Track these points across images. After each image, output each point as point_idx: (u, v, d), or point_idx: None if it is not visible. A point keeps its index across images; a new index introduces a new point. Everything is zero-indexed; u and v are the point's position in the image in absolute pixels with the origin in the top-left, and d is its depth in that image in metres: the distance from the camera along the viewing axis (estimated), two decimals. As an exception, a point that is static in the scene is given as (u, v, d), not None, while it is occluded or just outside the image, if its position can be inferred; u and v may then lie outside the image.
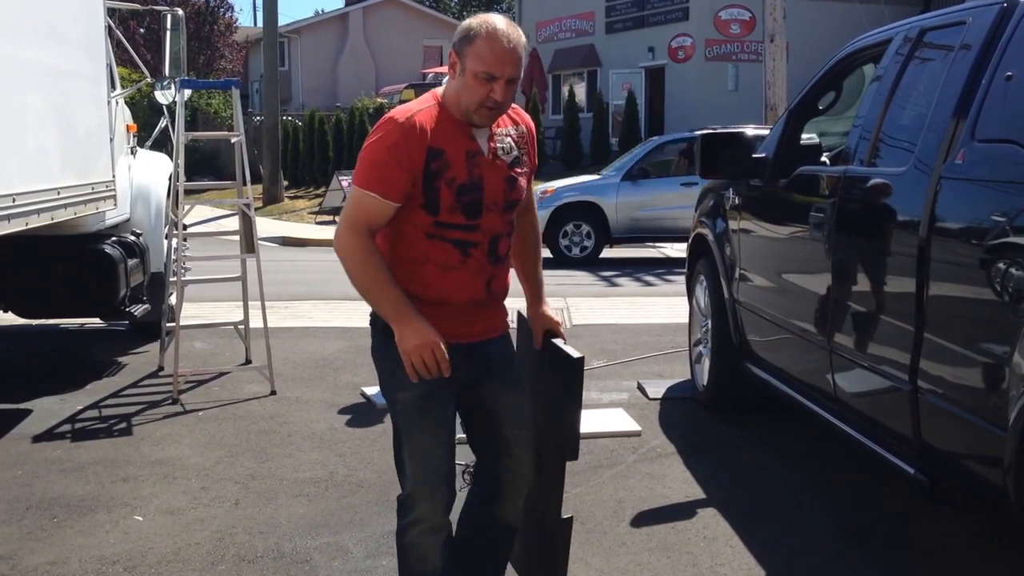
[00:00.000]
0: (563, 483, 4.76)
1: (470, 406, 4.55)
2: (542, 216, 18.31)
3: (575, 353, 4.52)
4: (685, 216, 14.09)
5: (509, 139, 4.43)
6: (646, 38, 39.19)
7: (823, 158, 7.26)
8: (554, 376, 4.66)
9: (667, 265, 19.85)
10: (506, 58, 4.16)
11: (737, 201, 7.99)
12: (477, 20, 4.24)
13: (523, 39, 4.25)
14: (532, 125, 4.61)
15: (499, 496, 4.65)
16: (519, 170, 4.45)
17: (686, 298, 9.51)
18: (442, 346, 4.18)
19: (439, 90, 4.39)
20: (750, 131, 9.06)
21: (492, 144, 4.35)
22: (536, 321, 4.82)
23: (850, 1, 27.74)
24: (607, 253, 21.13)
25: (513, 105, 4.49)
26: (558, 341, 4.71)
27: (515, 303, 4.61)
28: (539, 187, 20.61)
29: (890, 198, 5.73)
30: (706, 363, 8.62)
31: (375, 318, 4.41)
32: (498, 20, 4.23)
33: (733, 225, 8.04)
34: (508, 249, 4.49)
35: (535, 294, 4.83)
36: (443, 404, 4.37)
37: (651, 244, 22.26)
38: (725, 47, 37.25)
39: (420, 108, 4.27)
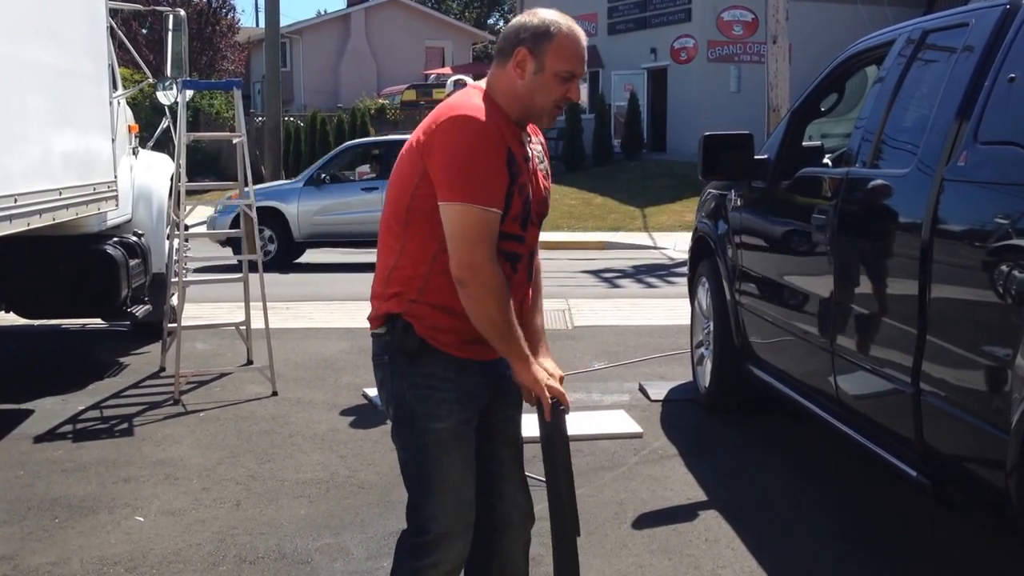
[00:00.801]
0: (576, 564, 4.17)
1: (482, 427, 4.11)
2: (225, 221, 18.19)
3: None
4: (367, 220, 14.35)
5: (539, 147, 4.13)
6: (648, 39, 39.21)
7: (825, 160, 7.26)
8: (545, 434, 4.07)
9: (669, 267, 19.83)
10: (584, 54, 3.92)
11: (739, 202, 7.98)
12: (549, 16, 3.91)
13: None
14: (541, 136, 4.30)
15: (494, 541, 4.24)
16: (548, 180, 4.14)
17: (688, 300, 9.50)
18: (555, 381, 4.03)
19: (481, 84, 4.01)
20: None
21: (531, 150, 4.04)
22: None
23: (853, 3, 27.79)
24: (606, 256, 21.08)
25: None
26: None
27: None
28: (227, 194, 20.78)
29: (892, 200, 5.73)
30: (708, 365, 8.61)
31: (403, 340, 3.90)
32: (567, 16, 3.95)
33: (735, 227, 8.03)
34: (533, 268, 4.14)
35: (536, 343, 4.20)
36: (473, 431, 4.02)
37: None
38: (727, 48, 37.25)
39: (484, 105, 3.85)
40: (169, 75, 11.10)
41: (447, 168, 3.71)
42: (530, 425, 4.05)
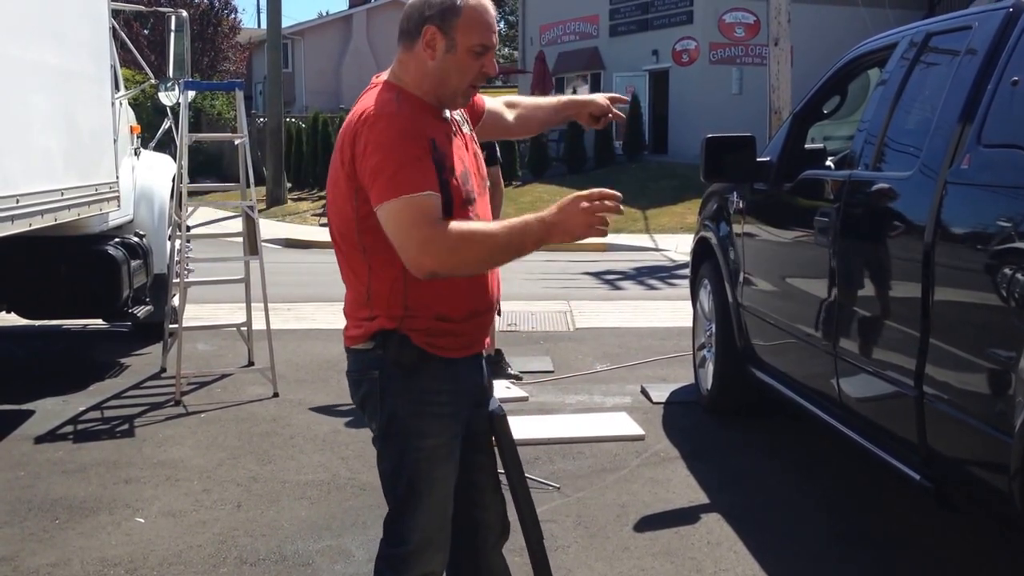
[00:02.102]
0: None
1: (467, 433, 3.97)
2: None
3: (495, 408, 3.94)
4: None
5: (458, 112, 3.92)
6: (650, 41, 39.18)
7: (828, 162, 7.26)
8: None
9: (670, 269, 19.81)
10: (494, 25, 3.69)
11: (741, 205, 7.97)
12: None
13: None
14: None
15: (483, 554, 4.12)
16: (476, 142, 3.98)
17: (690, 302, 9.49)
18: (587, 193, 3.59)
19: (384, 75, 3.79)
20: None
21: (453, 119, 3.84)
22: (581, 108, 4.43)
23: (855, 5, 27.76)
24: (608, 258, 21.06)
25: None
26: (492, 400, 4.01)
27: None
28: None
29: (895, 203, 5.72)
30: (710, 367, 8.60)
31: (399, 355, 3.72)
32: None
33: (737, 229, 8.02)
34: None
35: (556, 102, 4.47)
36: (459, 444, 3.87)
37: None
38: (729, 50, 37.24)
39: (391, 98, 3.65)
40: (171, 76, 11.11)
41: (373, 172, 3.51)
42: (539, 429, 4.05)
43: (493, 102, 4.30)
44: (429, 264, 3.49)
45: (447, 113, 3.80)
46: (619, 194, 3.49)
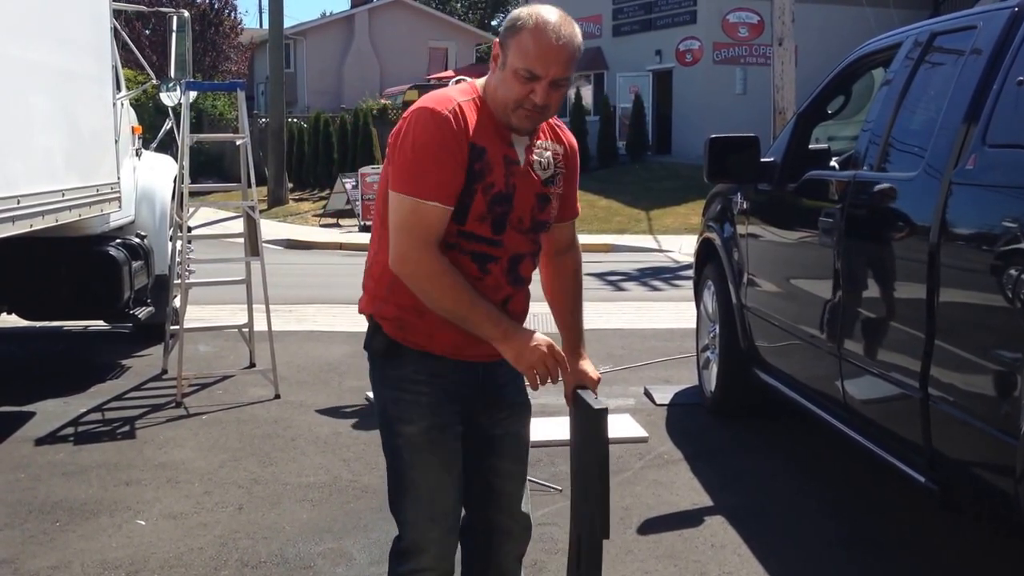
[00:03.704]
0: (599, 568, 4.07)
1: (471, 437, 4.02)
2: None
3: (597, 404, 3.89)
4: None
5: (549, 154, 3.92)
6: (653, 41, 39.20)
7: (832, 162, 7.24)
8: (580, 433, 4.06)
9: (674, 270, 19.80)
10: (552, 56, 3.62)
11: (745, 205, 7.96)
12: (528, 10, 3.69)
13: (578, 37, 3.72)
14: (575, 145, 4.11)
15: (490, 552, 4.16)
16: (554, 190, 3.95)
17: (693, 303, 9.47)
18: (556, 348, 3.80)
19: (480, 81, 3.88)
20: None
21: (530, 156, 3.85)
22: (573, 376, 4.09)
23: (859, 5, 27.75)
24: (611, 259, 21.06)
25: (561, 123, 4.08)
26: (586, 393, 4.03)
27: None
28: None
29: (900, 203, 5.70)
30: (714, 369, 8.58)
31: (371, 340, 3.96)
32: (551, 12, 3.68)
33: (741, 230, 8.00)
34: (531, 272, 3.99)
35: (573, 344, 4.17)
36: (454, 437, 3.92)
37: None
38: (733, 50, 37.25)
39: (461, 98, 3.76)
40: (172, 76, 11.09)
41: (400, 161, 3.71)
42: (540, 430, 4.01)
43: (568, 231, 4.23)
44: (399, 271, 3.74)
45: (531, 152, 3.88)
46: (562, 373, 3.83)
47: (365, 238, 18.91)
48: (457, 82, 4.12)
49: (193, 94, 10.45)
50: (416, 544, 3.91)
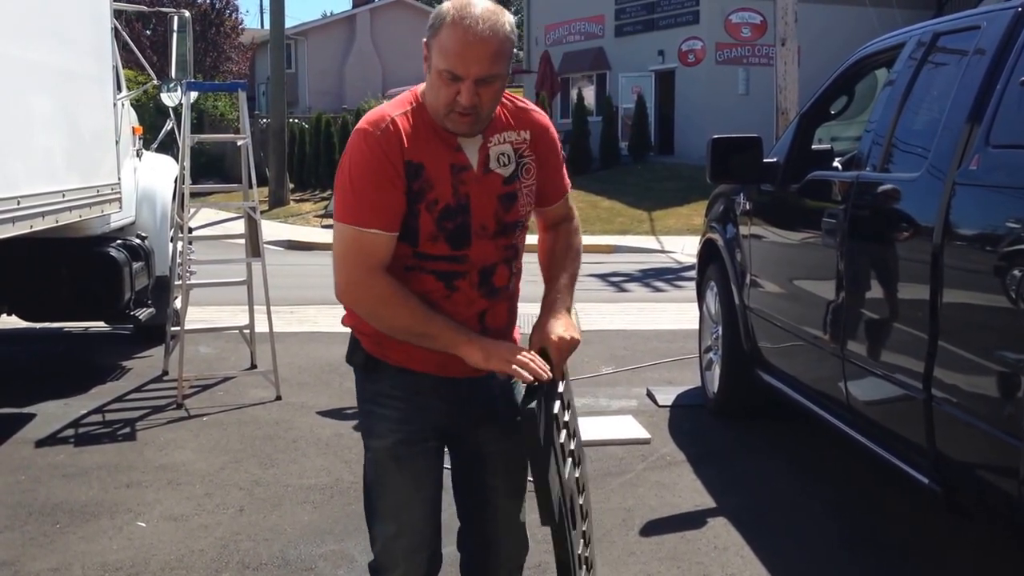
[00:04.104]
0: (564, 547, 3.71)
1: (462, 453, 3.94)
2: None
3: (527, 403, 3.51)
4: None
5: (508, 146, 3.66)
6: (656, 41, 39.19)
7: (835, 163, 7.22)
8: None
9: (676, 270, 19.79)
10: (471, 54, 3.37)
11: (748, 206, 7.94)
12: (448, 5, 3.44)
13: (505, 27, 3.42)
14: (545, 123, 3.80)
15: (487, 564, 4.05)
16: (520, 184, 3.69)
17: (696, 304, 9.46)
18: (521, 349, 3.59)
19: (421, 87, 3.65)
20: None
21: (484, 155, 3.61)
22: (536, 333, 3.75)
23: (862, 5, 27.71)
24: (613, 260, 21.06)
25: (522, 100, 3.80)
26: (519, 391, 3.77)
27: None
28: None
29: (903, 204, 5.69)
30: (716, 370, 8.56)
31: (352, 354, 3.84)
32: (474, 4, 3.40)
33: (744, 230, 7.99)
34: (510, 280, 3.77)
35: (549, 301, 3.81)
36: (426, 453, 3.78)
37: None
38: (736, 51, 37.23)
39: (395, 112, 3.56)
40: (173, 77, 11.08)
41: (339, 187, 3.58)
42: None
43: (559, 211, 3.98)
44: (346, 301, 3.67)
45: (484, 151, 3.64)
46: (545, 376, 3.52)
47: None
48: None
49: (194, 94, 10.44)
50: (383, 561, 3.90)
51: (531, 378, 3.50)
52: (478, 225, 3.61)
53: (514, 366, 3.50)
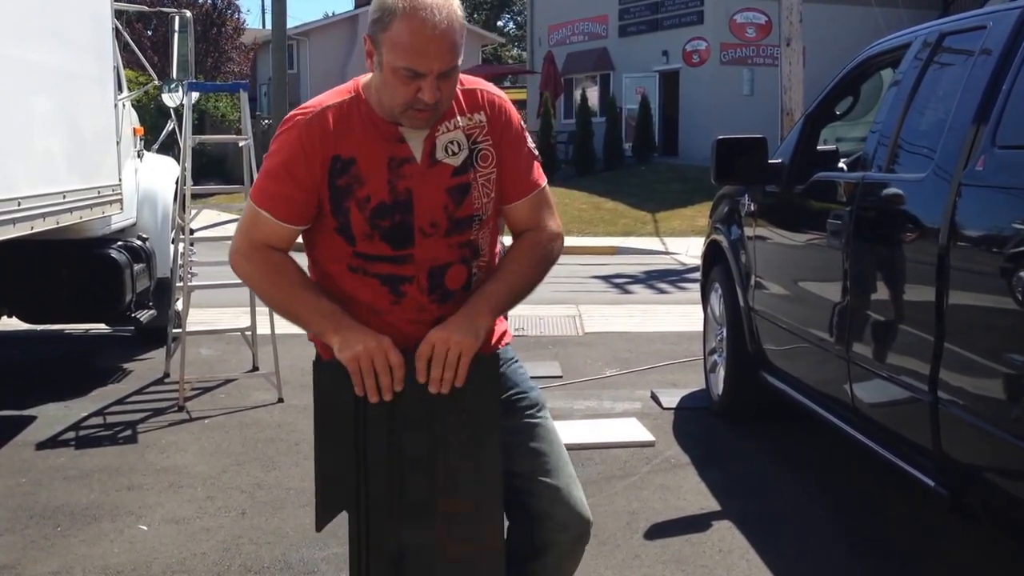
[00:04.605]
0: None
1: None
2: None
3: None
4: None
5: (459, 132, 3.42)
6: (660, 41, 39.21)
7: (840, 164, 7.20)
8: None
9: (681, 272, 19.77)
10: (433, 47, 3.17)
11: (752, 207, 7.91)
12: None
13: (457, 15, 3.23)
14: (499, 102, 3.54)
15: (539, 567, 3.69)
16: (475, 175, 3.43)
17: (700, 306, 9.43)
18: (395, 349, 3.31)
19: (365, 77, 3.48)
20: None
21: (428, 144, 3.38)
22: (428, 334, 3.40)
23: (867, 5, 27.70)
24: (617, 261, 21.05)
25: (472, 80, 3.55)
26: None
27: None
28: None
29: (909, 205, 5.66)
30: (721, 372, 8.53)
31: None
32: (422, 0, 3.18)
33: (748, 232, 7.96)
34: (469, 281, 3.48)
35: (467, 303, 3.46)
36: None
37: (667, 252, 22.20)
38: (740, 51, 37.22)
39: (330, 102, 3.42)
40: (174, 77, 11.07)
41: (261, 167, 3.49)
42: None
43: (524, 211, 3.60)
44: (235, 268, 3.54)
45: (442, 137, 3.42)
46: (403, 373, 3.33)
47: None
48: None
49: (195, 95, 10.41)
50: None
51: (360, 392, 3.33)
52: (425, 222, 3.38)
53: (355, 369, 3.31)
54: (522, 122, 3.61)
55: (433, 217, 3.38)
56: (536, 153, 3.62)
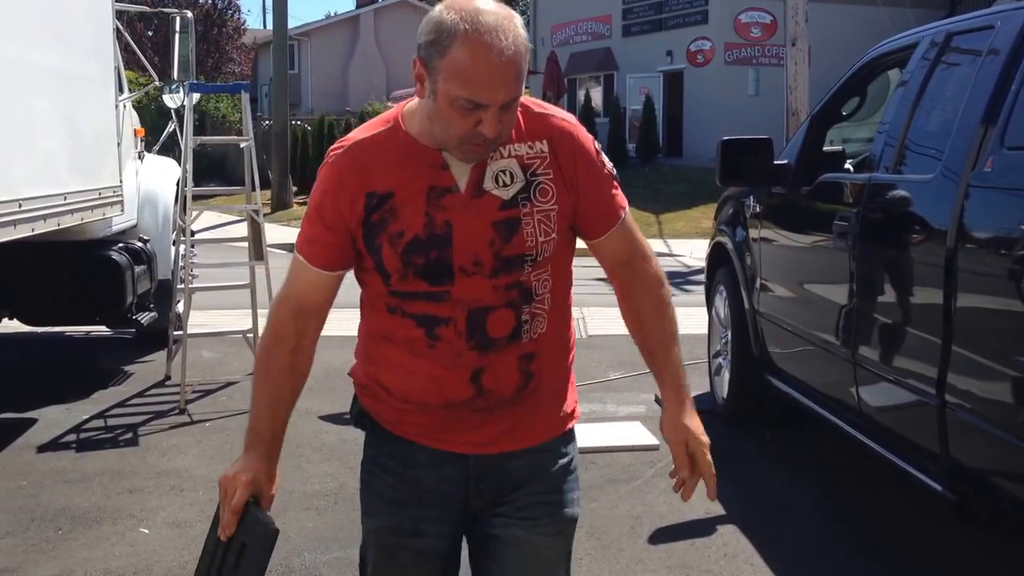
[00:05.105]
0: None
1: (479, 541, 3.21)
2: None
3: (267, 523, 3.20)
4: None
5: (513, 161, 2.97)
6: (664, 41, 39.18)
7: (847, 165, 7.19)
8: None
9: (685, 274, 19.73)
10: (500, 76, 2.74)
11: (758, 209, 7.89)
12: (451, 11, 2.77)
13: (522, 36, 2.77)
14: (568, 129, 3.07)
15: None
16: (531, 208, 2.97)
17: (705, 308, 9.39)
18: (242, 492, 3.10)
19: (408, 106, 3.04)
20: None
21: (476, 173, 2.94)
22: (672, 433, 3.26)
23: (874, 5, 27.63)
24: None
25: (540, 105, 3.11)
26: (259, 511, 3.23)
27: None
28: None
29: (916, 206, 5.63)
30: (726, 375, 8.51)
31: (352, 405, 3.29)
32: (485, 11, 2.75)
33: (754, 234, 7.93)
34: (518, 330, 3.02)
35: (670, 388, 3.23)
36: (422, 551, 3.15)
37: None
38: (745, 51, 37.17)
39: (365, 134, 3.03)
40: (175, 78, 11.06)
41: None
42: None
43: (614, 244, 3.24)
44: (268, 316, 3.22)
45: (493, 166, 2.98)
46: (231, 525, 3.11)
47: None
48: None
49: (196, 96, 10.40)
50: None
51: (222, 537, 3.08)
52: (466, 260, 2.94)
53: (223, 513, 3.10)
54: (597, 144, 3.15)
55: (476, 254, 2.94)
56: (615, 174, 3.20)
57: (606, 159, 3.17)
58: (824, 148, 7.48)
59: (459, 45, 2.71)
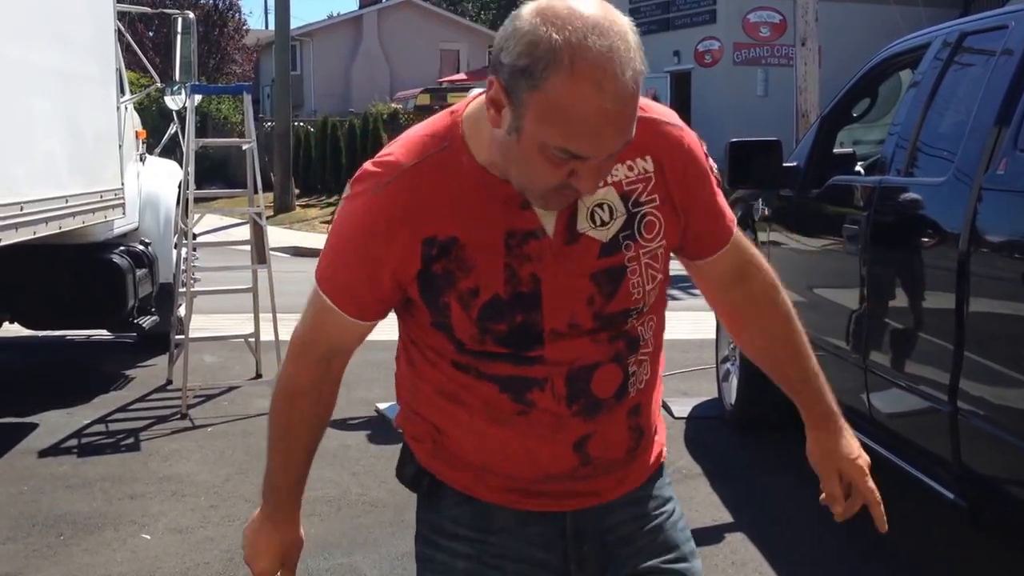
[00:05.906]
0: None
1: None
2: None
3: None
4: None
5: (610, 192, 2.35)
6: (671, 41, 39.05)
7: (857, 167, 7.15)
8: None
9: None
10: (612, 125, 2.10)
11: (767, 212, 7.87)
12: (554, 27, 2.06)
13: (639, 64, 2.09)
14: (679, 136, 2.45)
15: None
16: (636, 252, 2.41)
17: (712, 313, 9.31)
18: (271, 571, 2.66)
19: (466, 110, 2.38)
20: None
21: (566, 211, 2.33)
22: (820, 462, 2.94)
23: (886, 4, 27.59)
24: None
25: (650, 108, 2.41)
26: None
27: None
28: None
29: (928, 209, 5.58)
30: (734, 381, 8.45)
31: (401, 466, 2.68)
32: (596, 27, 2.06)
33: (763, 237, 7.88)
34: (623, 385, 2.47)
35: (811, 408, 2.85)
36: None
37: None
38: (754, 51, 37.05)
39: (415, 159, 2.34)
40: (177, 79, 11.04)
41: (328, 235, 2.52)
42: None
43: (727, 262, 2.73)
44: (288, 352, 2.66)
45: (589, 201, 2.36)
46: None
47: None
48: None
49: (198, 97, 10.38)
50: None
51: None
52: (560, 323, 2.37)
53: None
54: (703, 145, 2.55)
55: (572, 316, 2.37)
56: (720, 179, 2.59)
57: (714, 166, 2.57)
58: (834, 150, 7.44)
59: (562, 81, 2.05)
